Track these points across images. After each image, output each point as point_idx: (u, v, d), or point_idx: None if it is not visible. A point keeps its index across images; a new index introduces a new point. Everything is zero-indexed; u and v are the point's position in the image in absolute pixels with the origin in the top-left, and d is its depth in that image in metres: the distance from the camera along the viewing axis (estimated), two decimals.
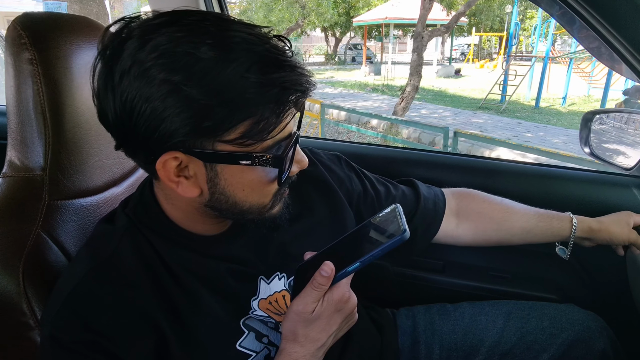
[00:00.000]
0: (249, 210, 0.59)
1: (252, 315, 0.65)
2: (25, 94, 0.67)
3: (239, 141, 0.51)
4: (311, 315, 0.56)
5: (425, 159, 1.19)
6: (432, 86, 13.28)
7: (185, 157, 0.52)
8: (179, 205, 0.61)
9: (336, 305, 0.56)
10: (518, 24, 11.60)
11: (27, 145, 0.69)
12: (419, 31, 7.53)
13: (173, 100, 0.47)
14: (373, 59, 20.87)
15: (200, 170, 0.54)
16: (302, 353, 0.57)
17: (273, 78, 0.49)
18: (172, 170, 0.53)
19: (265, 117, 0.50)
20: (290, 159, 0.57)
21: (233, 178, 0.55)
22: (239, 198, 0.57)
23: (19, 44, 0.66)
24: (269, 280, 0.69)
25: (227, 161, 0.53)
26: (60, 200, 0.71)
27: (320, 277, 0.54)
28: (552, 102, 10.35)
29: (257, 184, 0.56)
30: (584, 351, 0.80)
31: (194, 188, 0.55)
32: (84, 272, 0.57)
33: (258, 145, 0.52)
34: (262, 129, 0.51)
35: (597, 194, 1.01)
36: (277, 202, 0.61)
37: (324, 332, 0.57)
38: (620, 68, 0.94)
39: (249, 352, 0.62)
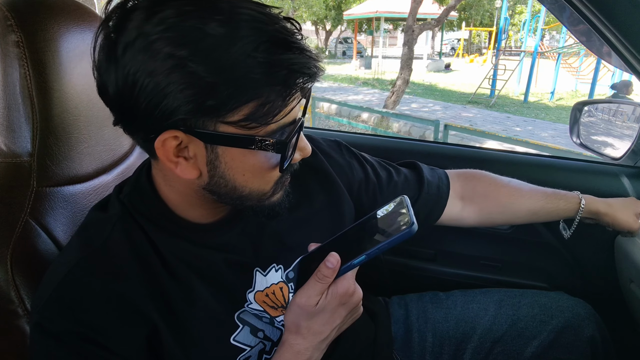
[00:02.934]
0: (249, 196, 0.57)
1: (247, 308, 0.63)
2: (11, 77, 0.65)
3: (242, 123, 0.49)
4: (315, 308, 0.54)
5: (419, 149, 1.20)
6: (423, 80, 13.32)
7: (186, 136, 0.50)
8: (177, 187, 0.59)
9: (341, 299, 0.55)
10: (507, 19, 11.68)
11: (13, 131, 0.67)
12: (410, 24, 7.53)
13: (177, 76, 0.46)
14: (364, 53, 20.83)
15: (201, 152, 0.52)
16: (305, 345, 0.56)
17: (281, 59, 0.47)
18: (171, 150, 0.51)
19: (270, 99, 0.48)
20: (294, 145, 0.55)
21: (234, 162, 0.53)
22: (238, 183, 0.55)
23: (5, 26, 0.64)
24: (265, 272, 0.67)
25: (228, 143, 0.50)
26: (49, 187, 0.70)
27: (325, 268, 0.53)
28: (541, 97, 10.46)
29: (259, 170, 0.54)
30: (573, 337, 0.81)
31: (193, 170, 0.53)
32: (74, 261, 0.55)
33: (262, 129, 0.50)
34: (266, 112, 0.49)
35: (586, 183, 1.02)
36: (278, 190, 0.59)
37: (327, 325, 0.56)
38: (610, 58, 0.95)
39: (243, 347, 0.61)
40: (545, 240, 1.06)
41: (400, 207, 0.56)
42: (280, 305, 0.67)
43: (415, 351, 0.88)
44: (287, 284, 0.69)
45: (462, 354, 0.86)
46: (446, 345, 0.88)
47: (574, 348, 0.81)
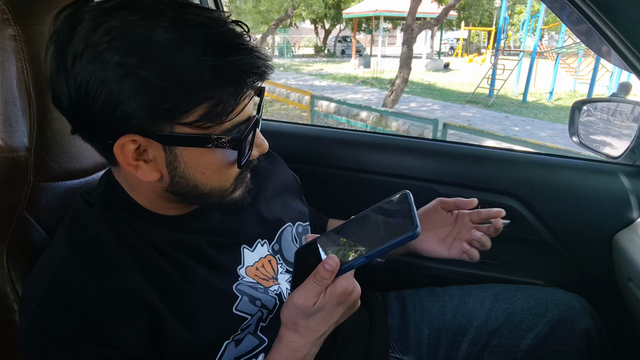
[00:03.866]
0: (210, 194, 0.58)
1: (241, 281, 0.66)
2: (8, 71, 0.65)
3: (197, 124, 0.51)
4: (312, 309, 0.54)
5: (417, 146, 1.19)
6: (421, 79, 13.32)
7: (144, 140, 0.51)
8: (141, 191, 0.60)
9: (339, 298, 0.55)
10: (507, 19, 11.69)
11: (10, 125, 0.67)
12: (409, 23, 7.52)
13: (129, 84, 0.47)
14: (363, 52, 20.83)
15: (160, 154, 0.53)
16: (302, 342, 0.57)
17: (229, 61, 0.49)
18: (130, 154, 0.52)
19: (223, 99, 0.50)
20: (250, 142, 0.57)
21: (192, 161, 0.54)
22: (199, 181, 0.56)
23: (2, 20, 0.64)
24: (252, 248, 0.70)
25: (185, 144, 0.52)
26: (46, 182, 0.69)
27: (323, 271, 0.53)
28: (539, 97, 10.47)
29: (217, 167, 0.56)
30: (568, 330, 0.82)
31: (154, 172, 0.55)
32: (62, 258, 0.55)
33: (217, 128, 0.52)
34: (220, 112, 0.51)
35: (585, 181, 1.03)
36: (239, 186, 0.61)
37: (324, 323, 0.57)
38: (609, 56, 0.95)
39: (245, 315, 0.63)
40: (543, 238, 1.06)
41: (403, 204, 0.55)
42: (271, 276, 0.70)
43: (412, 342, 0.90)
44: (274, 256, 0.73)
45: (459, 346, 0.87)
46: (442, 337, 0.89)
47: (570, 340, 0.81)
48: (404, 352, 0.89)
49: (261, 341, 0.65)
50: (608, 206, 0.99)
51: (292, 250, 0.76)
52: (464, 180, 1.11)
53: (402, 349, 0.89)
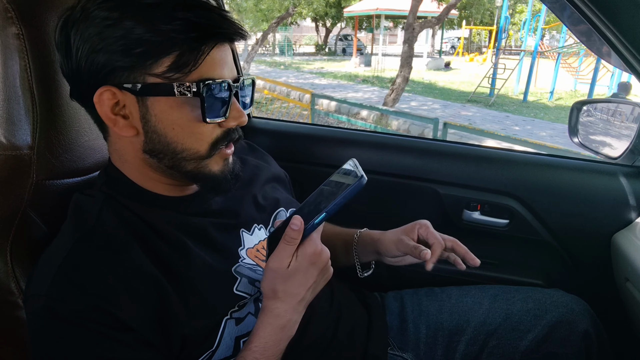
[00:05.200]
0: (185, 157, 0.61)
1: (241, 263, 0.68)
2: (11, 69, 0.66)
3: (166, 75, 0.56)
4: (287, 271, 0.58)
5: (417, 146, 1.20)
6: (422, 78, 13.30)
7: (120, 92, 0.57)
8: (128, 159, 0.64)
9: (310, 258, 0.59)
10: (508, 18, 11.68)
11: (13, 123, 0.67)
12: (410, 22, 7.52)
13: (109, 33, 0.54)
14: (363, 50, 20.80)
15: (134, 108, 0.58)
16: (284, 308, 0.60)
17: (194, 16, 0.56)
18: (109, 107, 0.58)
19: (187, 51, 0.55)
20: (222, 103, 0.60)
21: (162, 114, 0.58)
22: (170, 137, 0.60)
23: (5, 18, 0.64)
24: (250, 232, 0.74)
25: (154, 93, 0.57)
26: (49, 180, 0.70)
27: (291, 231, 0.57)
28: (540, 96, 10.47)
29: (185, 122, 0.59)
30: (567, 332, 0.82)
31: (130, 128, 0.59)
32: (71, 242, 0.58)
33: (183, 78, 0.57)
34: (184, 62, 0.56)
35: (584, 182, 1.03)
36: (214, 153, 0.63)
37: (302, 286, 0.60)
38: (609, 57, 0.95)
39: (245, 295, 0.66)
40: (542, 239, 1.06)
41: (349, 167, 0.62)
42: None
43: (410, 340, 0.90)
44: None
45: (456, 345, 0.88)
46: (440, 336, 0.89)
47: (568, 342, 0.82)
48: (403, 350, 0.89)
49: None
50: (607, 207, 0.99)
51: None
52: (464, 180, 1.11)
53: (400, 347, 0.90)
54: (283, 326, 0.61)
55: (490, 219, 1.10)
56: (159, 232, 0.62)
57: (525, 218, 1.06)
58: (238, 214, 0.74)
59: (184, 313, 0.59)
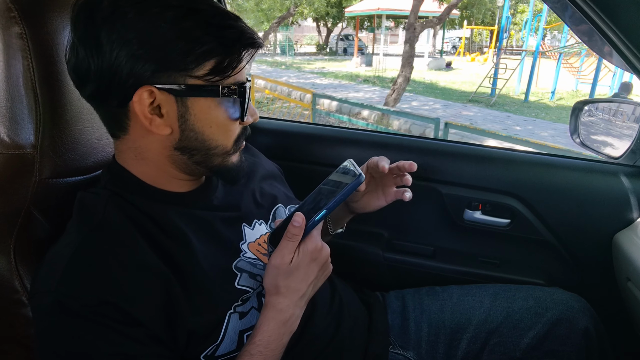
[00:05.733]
0: (215, 152, 0.64)
1: (242, 257, 0.70)
2: (14, 69, 0.66)
3: (207, 77, 0.58)
4: (290, 267, 0.60)
5: (418, 146, 1.20)
6: (423, 78, 13.30)
7: (159, 92, 0.58)
8: (149, 156, 0.64)
9: (311, 255, 0.61)
10: (509, 18, 11.66)
11: (17, 122, 0.68)
12: (412, 22, 7.52)
13: (151, 36, 0.55)
14: (365, 50, 20.80)
15: (172, 108, 0.59)
16: (286, 303, 0.62)
17: (233, 25, 0.59)
18: (146, 105, 0.58)
19: (228, 56, 0.58)
20: (248, 102, 0.64)
21: (202, 113, 0.61)
22: (207, 135, 0.62)
23: (8, 18, 0.64)
24: (251, 227, 0.75)
25: (197, 94, 0.59)
26: (52, 179, 0.70)
27: (292, 227, 0.59)
28: (541, 96, 10.46)
29: (222, 121, 0.62)
30: (567, 329, 0.83)
31: (166, 127, 0.60)
32: (78, 239, 0.58)
33: (223, 82, 0.60)
34: (226, 67, 0.59)
35: (585, 181, 1.03)
36: (237, 149, 0.67)
37: (303, 282, 0.62)
38: (611, 57, 0.95)
39: (247, 289, 0.67)
40: (544, 239, 1.06)
41: (346, 167, 0.64)
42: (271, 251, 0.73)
43: (411, 339, 0.91)
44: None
45: (458, 344, 0.88)
46: (441, 334, 0.90)
47: (569, 340, 0.82)
48: (404, 348, 0.90)
49: None
50: (608, 206, 0.99)
51: None
52: (465, 180, 1.11)
53: (402, 345, 0.90)
54: (286, 321, 0.62)
55: (491, 218, 1.11)
56: (164, 227, 0.63)
57: (526, 218, 1.07)
58: (239, 208, 0.76)
59: (189, 308, 0.59)
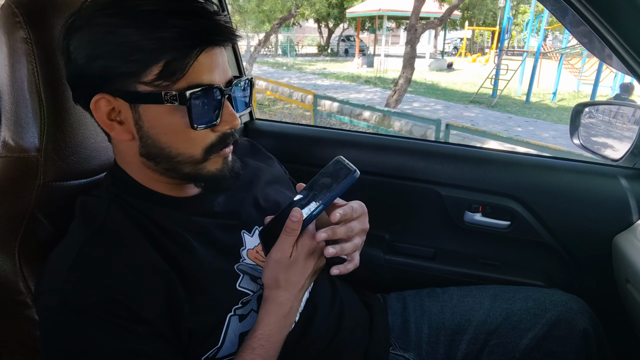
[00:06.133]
0: (181, 160, 0.62)
1: (242, 263, 0.71)
2: (19, 73, 0.67)
3: (155, 82, 0.56)
4: (289, 260, 0.61)
5: (419, 148, 1.20)
6: (425, 79, 13.29)
7: (114, 99, 0.59)
8: (129, 160, 0.66)
9: (309, 248, 0.62)
10: (510, 19, 11.64)
11: (21, 126, 0.69)
12: (413, 23, 7.52)
13: (106, 40, 0.55)
14: (366, 51, 20.79)
15: (128, 114, 0.60)
16: (286, 296, 0.64)
17: (184, 22, 0.56)
18: (104, 112, 0.60)
19: (174, 59, 0.56)
20: (211, 108, 0.60)
21: (154, 120, 0.59)
22: (164, 143, 0.61)
23: (14, 22, 0.65)
24: (251, 234, 0.75)
25: (144, 100, 0.58)
26: (56, 182, 0.71)
27: (291, 222, 0.60)
28: (543, 97, 10.44)
29: (177, 129, 0.60)
30: (567, 330, 0.83)
31: (126, 132, 0.61)
32: (82, 240, 0.59)
33: (172, 87, 0.57)
34: (172, 70, 0.56)
35: (585, 183, 1.04)
36: (210, 157, 0.63)
37: (302, 275, 0.64)
38: (611, 61, 0.95)
39: (247, 291, 0.68)
40: (543, 240, 1.07)
41: (339, 164, 0.64)
42: None
43: (412, 340, 0.91)
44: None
45: (458, 344, 0.89)
46: (442, 335, 0.90)
47: (568, 340, 0.83)
48: (405, 350, 0.90)
49: None
50: (608, 208, 1.00)
51: None
52: (466, 182, 1.12)
53: (402, 347, 0.90)
54: (286, 314, 0.64)
55: (491, 220, 1.11)
56: (164, 229, 0.64)
57: (526, 220, 1.07)
58: (239, 215, 0.75)
59: (190, 307, 0.60)
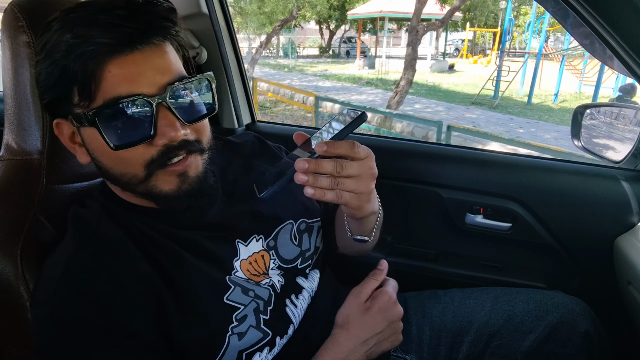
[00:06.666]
0: (127, 181, 0.59)
1: (234, 275, 0.68)
2: (22, 77, 0.67)
3: (80, 104, 0.55)
4: (364, 305, 0.65)
5: (420, 150, 1.21)
6: (426, 81, 13.29)
7: (65, 122, 0.60)
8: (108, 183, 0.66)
9: (381, 305, 0.66)
10: (512, 20, 11.65)
11: (24, 129, 0.69)
12: (414, 25, 7.52)
13: (43, 67, 0.56)
14: (367, 53, 20.80)
15: (81, 137, 0.60)
16: (347, 342, 0.65)
17: (84, 41, 0.52)
18: (67, 135, 0.61)
19: (85, 77, 0.53)
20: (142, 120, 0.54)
21: (92, 143, 0.58)
22: (105, 164, 0.59)
23: (16, 27, 0.66)
24: (246, 243, 0.72)
25: (79, 123, 0.56)
26: (58, 185, 0.71)
27: (378, 271, 0.66)
28: (544, 99, 10.43)
29: (104, 149, 0.56)
30: (568, 332, 0.83)
31: (85, 155, 0.62)
32: (72, 250, 0.59)
33: (92, 105, 0.54)
34: (86, 89, 0.53)
35: (587, 185, 1.03)
36: (155, 173, 0.58)
37: (369, 329, 0.65)
38: (612, 63, 0.95)
39: (237, 305, 0.65)
40: (545, 242, 1.07)
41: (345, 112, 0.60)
42: (262, 272, 0.72)
43: (413, 342, 0.91)
44: (268, 251, 0.74)
45: (459, 347, 0.89)
46: (443, 337, 0.90)
47: (569, 342, 0.82)
48: (406, 352, 0.90)
49: (265, 334, 0.67)
50: (609, 210, 1.00)
51: (289, 248, 0.77)
52: (467, 184, 1.12)
53: (404, 349, 0.90)
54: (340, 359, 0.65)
55: (493, 222, 1.11)
56: (155, 242, 0.63)
57: (527, 222, 1.07)
58: (235, 226, 0.71)
59: (181, 322, 0.59)
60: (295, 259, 0.77)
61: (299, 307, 0.74)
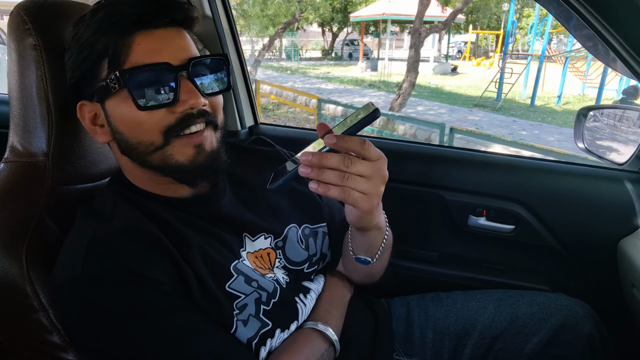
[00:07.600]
0: (142, 150, 0.62)
1: (241, 262, 0.70)
2: (28, 79, 0.68)
3: (109, 77, 0.59)
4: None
5: (423, 152, 1.21)
6: (429, 83, 13.29)
7: (90, 103, 0.64)
8: (123, 164, 0.69)
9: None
10: (515, 22, 11.64)
11: (29, 131, 0.70)
12: (417, 27, 7.53)
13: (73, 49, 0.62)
14: (370, 55, 20.82)
15: (103, 114, 0.64)
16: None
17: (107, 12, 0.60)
18: (88, 118, 0.65)
19: (112, 46, 0.59)
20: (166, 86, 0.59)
21: (115, 113, 0.62)
22: (125, 133, 0.63)
23: (23, 30, 0.66)
24: (253, 238, 0.74)
25: (104, 95, 0.61)
26: (63, 186, 0.72)
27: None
28: (547, 101, 10.41)
29: (128, 114, 0.61)
30: (571, 335, 0.83)
31: (106, 135, 0.65)
32: (93, 228, 0.61)
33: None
34: (114, 58, 0.59)
35: (590, 188, 1.03)
36: (172, 140, 0.62)
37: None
38: (616, 65, 0.95)
39: (238, 294, 0.66)
40: (548, 245, 1.06)
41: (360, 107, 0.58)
42: (267, 267, 0.74)
43: (416, 345, 0.91)
44: (275, 250, 0.77)
45: (462, 349, 0.89)
46: (446, 340, 0.90)
47: (573, 345, 0.82)
48: (409, 355, 0.90)
49: (264, 324, 0.68)
50: (613, 213, 0.99)
51: (297, 251, 0.80)
52: (470, 186, 1.12)
53: (406, 352, 0.90)
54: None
55: (496, 224, 1.11)
56: (165, 222, 0.66)
57: (531, 224, 1.07)
58: (245, 220, 0.75)
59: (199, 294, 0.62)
60: (303, 262, 0.80)
61: (308, 306, 0.76)
